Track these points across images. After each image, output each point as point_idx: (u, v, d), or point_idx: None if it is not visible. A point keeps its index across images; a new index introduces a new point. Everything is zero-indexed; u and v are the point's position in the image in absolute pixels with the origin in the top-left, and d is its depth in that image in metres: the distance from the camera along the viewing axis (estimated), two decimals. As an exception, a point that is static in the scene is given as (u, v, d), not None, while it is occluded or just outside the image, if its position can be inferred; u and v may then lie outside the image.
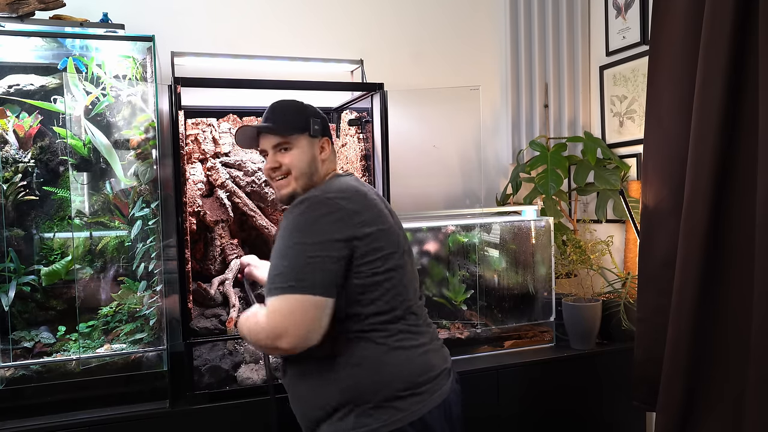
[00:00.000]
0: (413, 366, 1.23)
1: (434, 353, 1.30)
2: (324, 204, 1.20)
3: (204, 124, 2.02)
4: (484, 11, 2.63)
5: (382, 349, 1.21)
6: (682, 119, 1.71)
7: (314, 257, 1.15)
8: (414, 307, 1.30)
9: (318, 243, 1.16)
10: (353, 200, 1.23)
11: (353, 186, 1.30)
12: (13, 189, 1.68)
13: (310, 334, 1.14)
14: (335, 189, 1.25)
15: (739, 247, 1.58)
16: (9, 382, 1.62)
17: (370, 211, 1.24)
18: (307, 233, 1.17)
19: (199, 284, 1.88)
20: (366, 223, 1.21)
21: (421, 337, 1.28)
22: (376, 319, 1.22)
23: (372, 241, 1.21)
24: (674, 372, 1.67)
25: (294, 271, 1.14)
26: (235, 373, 1.75)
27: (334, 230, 1.17)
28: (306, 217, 1.19)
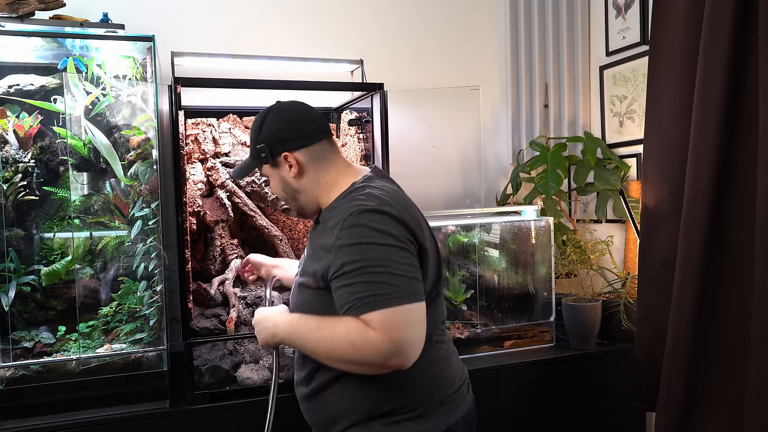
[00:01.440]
0: (445, 377, 1.20)
1: (455, 359, 1.27)
2: (384, 208, 1.09)
3: (204, 124, 2.02)
4: (484, 11, 2.63)
5: (422, 361, 1.10)
6: (682, 119, 1.71)
7: (403, 259, 1.06)
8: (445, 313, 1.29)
9: (399, 252, 1.06)
10: (401, 207, 1.13)
11: (390, 190, 1.19)
12: (13, 189, 1.68)
13: (422, 346, 1.06)
14: (384, 198, 1.13)
15: (739, 247, 1.58)
16: (9, 382, 1.62)
17: (416, 219, 1.16)
18: (386, 242, 1.06)
19: (199, 284, 1.88)
20: (419, 232, 1.14)
21: (445, 345, 1.25)
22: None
23: (424, 249, 1.14)
24: (674, 372, 1.67)
25: (392, 281, 1.03)
26: (235, 373, 1.75)
27: (404, 240, 1.08)
28: (365, 220, 1.08)
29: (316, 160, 1.23)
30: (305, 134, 1.22)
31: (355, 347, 1.03)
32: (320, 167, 1.23)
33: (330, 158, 1.24)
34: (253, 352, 1.80)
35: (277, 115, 1.24)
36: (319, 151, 1.23)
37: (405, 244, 1.07)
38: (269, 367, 1.79)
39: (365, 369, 1.08)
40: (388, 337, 1.00)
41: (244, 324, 1.85)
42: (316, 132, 1.23)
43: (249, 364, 1.78)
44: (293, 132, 1.22)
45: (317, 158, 1.23)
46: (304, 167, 1.22)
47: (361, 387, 1.14)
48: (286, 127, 1.22)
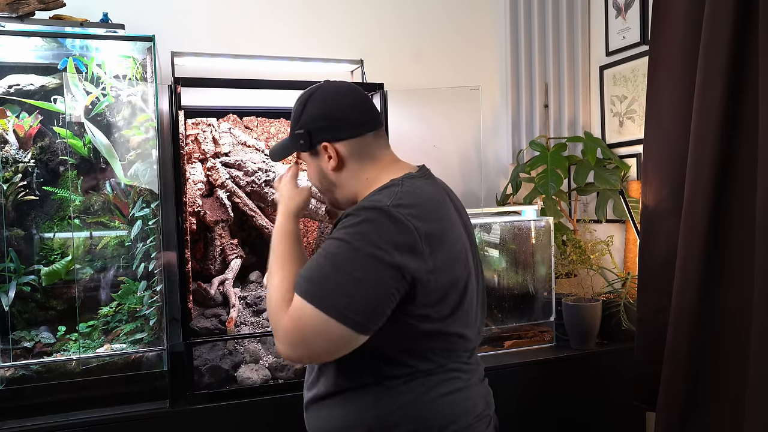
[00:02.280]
0: (450, 411, 1.05)
1: (474, 393, 1.10)
2: (390, 217, 0.95)
3: (204, 124, 2.02)
4: (484, 11, 2.63)
5: (424, 388, 1.03)
6: (682, 119, 1.71)
7: (361, 277, 0.93)
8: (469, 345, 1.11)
9: (372, 262, 0.93)
10: (425, 217, 0.98)
11: (422, 192, 1.04)
12: (13, 189, 1.68)
13: (317, 359, 0.99)
14: (409, 197, 1.00)
15: (739, 247, 1.58)
16: (9, 382, 1.62)
17: (444, 233, 1.01)
18: (361, 247, 0.94)
19: (199, 284, 1.88)
20: (431, 244, 0.97)
21: (464, 375, 1.09)
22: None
23: (440, 275, 0.99)
24: (674, 372, 1.67)
25: (333, 286, 0.93)
26: (235, 373, 1.75)
27: (395, 255, 0.93)
28: (364, 224, 0.96)
29: (359, 155, 1.10)
30: (350, 125, 1.10)
31: (272, 311, 1.00)
32: (363, 162, 1.11)
33: (374, 154, 1.12)
34: (253, 352, 1.80)
35: (323, 99, 1.12)
36: (364, 145, 1.11)
37: (390, 260, 0.93)
38: (269, 367, 1.79)
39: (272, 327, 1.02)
40: (288, 326, 0.95)
41: (244, 324, 1.85)
42: (363, 123, 1.11)
43: (249, 364, 1.78)
44: (337, 121, 1.10)
45: (361, 152, 1.11)
46: (345, 160, 1.10)
47: (358, 405, 1.05)
48: (330, 114, 1.10)
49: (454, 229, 1.06)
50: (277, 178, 1.26)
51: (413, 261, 0.95)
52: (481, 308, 1.16)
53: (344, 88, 1.15)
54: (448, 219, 1.05)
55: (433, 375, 1.04)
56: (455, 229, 1.06)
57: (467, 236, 1.12)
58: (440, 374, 1.05)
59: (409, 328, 0.99)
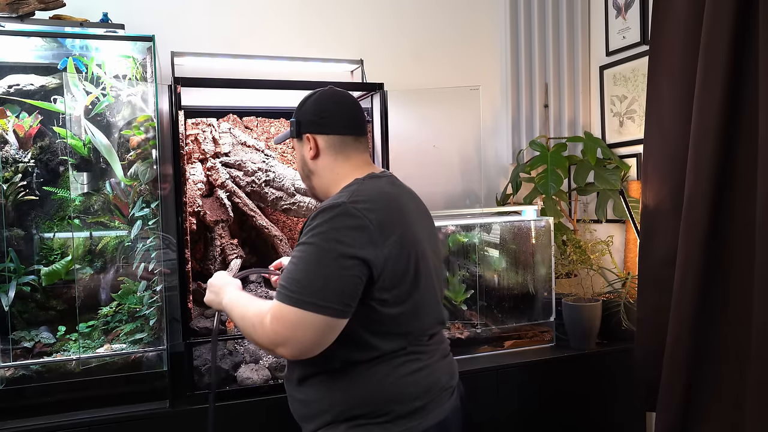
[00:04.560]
0: (416, 388, 1.19)
1: (437, 369, 1.25)
2: (347, 212, 1.10)
3: (204, 124, 2.02)
4: (484, 11, 2.63)
5: (388, 368, 1.17)
6: (682, 119, 1.71)
7: (328, 272, 1.07)
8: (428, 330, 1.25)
9: (335, 257, 1.07)
10: (380, 210, 1.14)
11: (380, 191, 1.20)
12: (13, 189, 1.68)
13: (312, 349, 1.09)
14: (364, 194, 1.16)
15: (739, 247, 1.58)
16: (9, 382, 1.62)
17: (393, 227, 1.14)
18: (325, 243, 1.08)
19: (199, 284, 1.88)
20: (384, 237, 1.11)
21: (424, 356, 1.23)
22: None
23: (394, 262, 1.13)
24: (674, 372, 1.67)
25: (306, 283, 1.07)
26: (235, 373, 1.75)
27: (349, 245, 1.08)
28: (325, 223, 1.10)
29: (334, 150, 1.29)
30: (330, 124, 1.29)
31: (254, 327, 1.13)
32: (336, 157, 1.29)
33: (349, 153, 1.30)
34: (253, 352, 1.80)
35: (317, 99, 1.31)
36: (340, 143, 1.29)
37: (347, 252, 1.07)
38: (269, 367, 1.79)
39: (264, 349, 1.17)
40: (272, 328, 1.08)
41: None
42: (342, 126, 1.29)
43: (249, 364, 1.78)
44: (321, 118, 1.29)
45: (335, 148, 1.29)
46: (321, 152, 1.29)
47: (330, 388, 1.18)
48: (317, 111, 1.30)
49: (409, 221, 1.20)
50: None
51: (371, 249, 1.10)
52: (439, 297, 1.31)
53: (340, 95, 1.33)
54: (400, 210, 1.20)
55: (395, 357, 1.18)
56: (409, 222, 1.20)
57: (427, 231, 1.29)
58: (402, 356, 1.19)
59: (371, 312, 1.13)
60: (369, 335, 1.15)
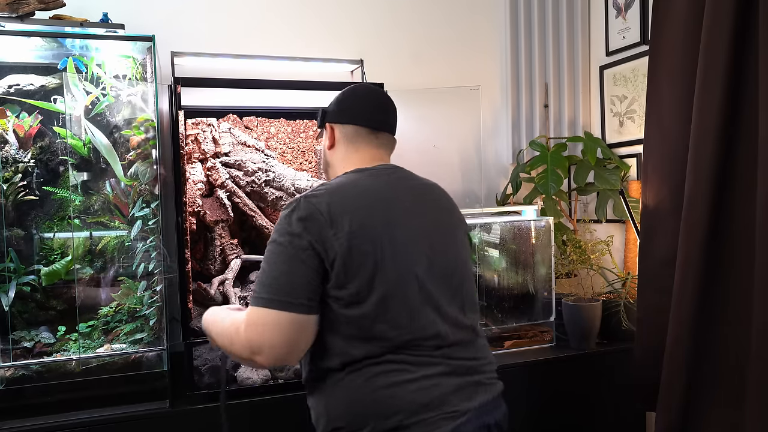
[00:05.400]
0: (396, 403, 1.06)
1: (437, 385, 1.09)
2: (300, 206, 1.08)
3: (204, 124, 2.02)
4: (484, 11, 2.63)
5: (361, 379, 1.08)
6: (682, 119, 1.71)
7: (287, 268, 1.04)
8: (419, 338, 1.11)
9: (288, 255, 1.05)
10: (336, 203, 1.08)
11: (352, 183, 1.15)
12: (13, 189, 1.68)
13: (287, 353, 1.05)
14: (326, 187, 1.13)
15: (739, 247, 1.58)
16: (9, 382, 1.62)
17: (351, 219, 1.07)
18: (281, 242, 1.07)
19: (199, 284, 1.88)
20: (343, 234, 1.06)
21: (410, 368, 1.09)
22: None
23: (347, 256, 1.06)
24: (674, 372, 1.67)
25: (269, 281, 1.05)
26: (235, 373, 1.75)
27: (300, 243, 1.05)
28: (282, 219, 1.09)
29: (348, 140, 1.26)
30: (348, 113, 1.27)
31: (230, 341, 1.10)
32: (348, 148, 1.26)
33: (360, 145, 1.26)
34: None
35: (344, 91, 1.31)
36: (354, 133, 1.26)
37: (298, 246, 1.05)
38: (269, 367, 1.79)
39: (244, 362, 1.12)
40: (246, 336, 1.05)
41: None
42: (363, 117, 1.26)
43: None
44: (340, 106, 1.28)
45: (349, 139, 1.26)
46: (337, 141, 1.27)
47: (319, 396, 1.15)
48: (339, 101, 1.29)
49: (384, 216, 1.12)
50: None
51: (323, 241, 1.05)
52: (443, 304, 1.15)
53: (365, 88, 1.33)
54: (372, 207, 1.12)
55: (370, 366, 1.08)
56: (387, 217, 1.12)
57: (431, 229, 1.18)
58: (380, 365, 1.08)
59: (329, 312, 1.08)
60: (333, 338, 1.09)
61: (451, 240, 1.23)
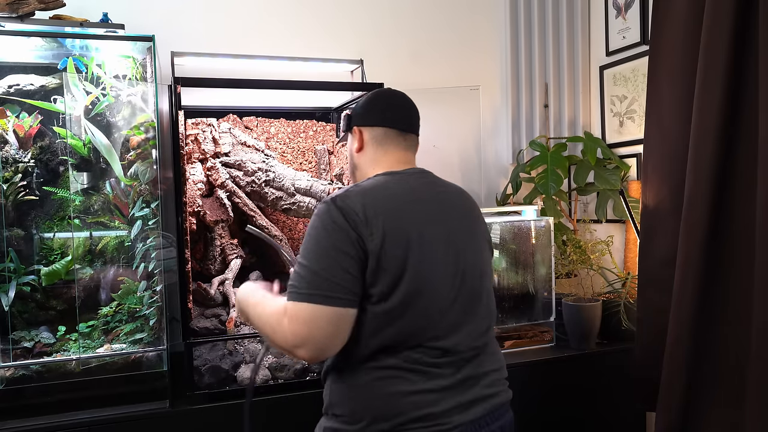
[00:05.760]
0: (394, 406, 1.09)
1: (434, 398, 1.11)
2: (336, 204, 1.10)
3: (204, 124, 2.02)
4: (484, 11, 2.63)
5: (367, 376, 1.12)
6: (682, 119, 1.71)
7: (327, 266, 1.07)
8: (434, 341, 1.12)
9: (328, 251, 1.07)
10: (370, 204, 1.10)
11: (382, 185, 1.16)
12: (13, 189, 1.68)
13: (329, 346, 1.07)
14: (358, 188, 1.15)
15: (739, 247, 1.58)
16: (9, 382, 1.62)
17: (384, 220, 1.09)
18: (320, 238, 1.09)
19: (199, 284, 1.88)
20: (373, 232, 1.08)
21: (410, 375, 1.10)
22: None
23: (376, 253, 1.07)
24: (674, 372, 1.67)
25: (311, 277, 1.07)
26: (235, 373, 1.75)
27: (340, 239, 1.07)
28: (320, 217, 1.11)
29: (377, 143, 1.27)
30: (377, 115, 1.28)
31: (272, 329, 1.11)
32: (377, 150, 1.27)
33: (389, 147, 1.27)
34: (253, 352, 1.80)
35: (370, 94, 1.32)
36: (384, 136, 1.27)
37: (339, 242, 1.07)
38: (269, 367, 1.79)
39: (284, 352, 1.16)
40: (291, 329, 1.06)
41: (244, 324, 1.85)
42: (390, 119, 1.28)
43: (249, 364, 1.78)
44: (368, 109, 1.29)
45: (378, 141, 1.27)
46: (366, 144, 1.28)
47: (332, 386, 1.18)
48: (366, 104, 1.30)
49: (413, 222, 1.13)
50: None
51: (362, 239, 1.07)
52: (459, 310, 1.16)
53: (391, 91, 1.34)
54: (401, 210, 1.13)
55: (380, 368, 1.10)
56: (413, 221, 1.13)
57: (460, 236, 1.20)
58: (389, 370, 1.10)
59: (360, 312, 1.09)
60: (355, 332, 1.11)
61: (476, 247, 1.24)
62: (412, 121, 1.32)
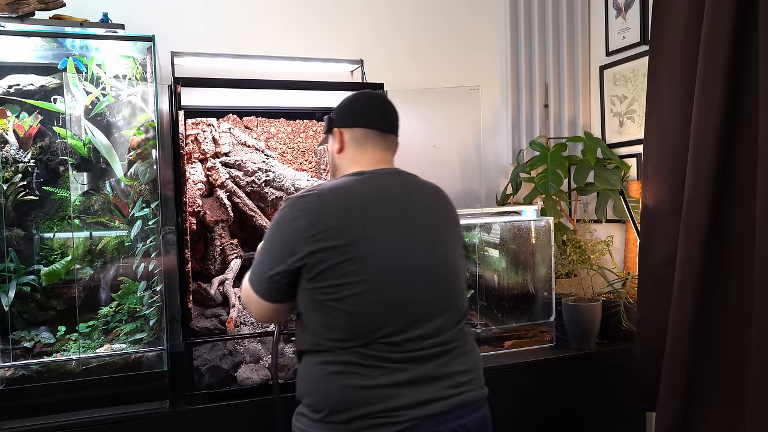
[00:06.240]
0: (347, 396, 1.12)
1: (396, 396, 1.12)
2: (288, 206, 1.19)
3: (204, 124, 2.02)
4: (484, 11, 2.63)
5: (320, 367, 1.16)
6: (682, 119, 1.71)
7: (263, 263, 1.21)
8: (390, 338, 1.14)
9: (276, 245, 1.19)
10: (324, 203, 1.16)
11: (343, 185, 1.21)
12: (13, 189, 1.68)
13: (267, 322, 1.31)
14: (317, 188, 1.21)
15: (739, 247, 1.58)
16: (9, 382, 1.62)
17: (335, 219, 1.14)
18: (273, 232, 1.21)
19: (199, 284, 1.88)
20: (322, 236, 1.13)
21: (351, 369, 1.13)
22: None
23: (326, 258, 1.13)
24: (674, 371, 1.67)
25: (257, 269, 1.23)
26: (235, 373, 1.75)
27: (288, 236, 1.16)
28: (276, 216, 1.23)
29: (356, 143, 1.31)
30: (357, 116, 1.32)
31: (244, 290, 1.30)
32: (356, 150, 1.31)
33: (368, 147, 1.31)
34: (253, 352, 1.80)
35: (349, 97, 1.37)
36: (362, 136, 1.31)
37: (287, 238, 1.17)
38: (269, 367, 1.79)
39: None
40: (243, 302, 1.32)
41: (244, 324, 1.85)
42: (369, 119, 1.32)
43: (249, 364, 1.78)
44: (348, 111, 1.34)
45: (358, 141, 1.31)
46: (346, 145, 1.32)
47: (299, 373, 1.24)
48: (344, 106, 1.35)
49: (365, 219, 1.17)
50: None
51: (304, 240, 1.14)
52: (433, 309, 1.19)
53: (370, 93, 1.41)
54: (352, 208, 1.17)
55: (336, 362, 1.14)
56: (366, 220, 1.17)
57: (426, 233, 1.23)
58: (343, 365, 1.14)
59: (310, 301, 1.17)
60: (310, 323, 1.18)
61: (445, 244, 1.26)
62: (391, 122, 1.35)
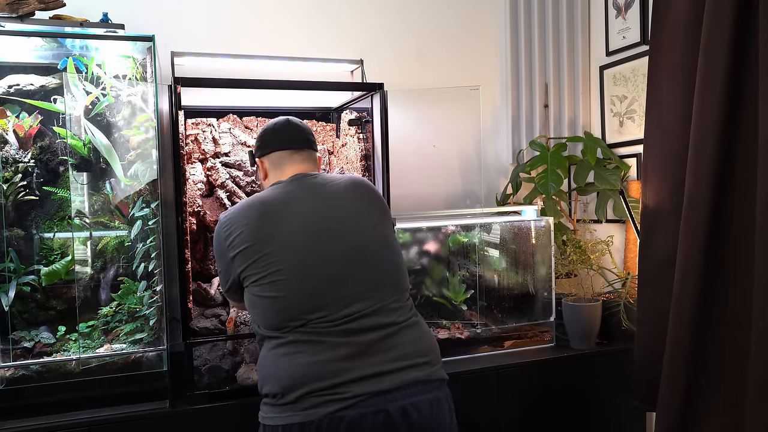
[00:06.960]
0: (292, 375, 1.23)
1: (325, 362, 1.23)
2: (218, 222, 1.41)
3: (204, 124, 2.02)
4: (485, 11, 2.63)
5: (272, 351, 1.30)
6: (682, 119, 1.71)
7: (221, 278, 1.43)
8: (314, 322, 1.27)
9: (219, 265, 1.42)
10: (240, 214, 1.36)
11: (257, 196, 1.41)
12: (13, 189, 1.68)
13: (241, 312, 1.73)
14: (236, 206, 1.41)
15: (739, 247, 1.58)
16: (9, 382, 1.62)
17: (247, 226, 1.33)
18: (215, 245, 1.43)
19: (199, 284, 1.88)
20: (235, 243, 1.34)
21: (293, 346, 1.27)
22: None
23: (242, 261, 1.33)
24: (674, 372, 1.67)
25: (220, 280, 1.46)
26: (235, 373, 1.75)
27: (219, 246, 1.39)
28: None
29: (275, 166, 1.48)
30: (268, 144, 1.49)
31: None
32: (275, 172, 1.48)
33: (285, 166, 1.47)
34: (253, 352, 1.80)
35: (260, 130, 1.54)
36: (278, 158, 1.48)
37: (220, 249, 1.39)
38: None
39: None
40: None
41: (243, 324, 1.85)
42: (277, 143, 1.48)
43: (249, 364, 1.78)
44: (261, 141, 1.52)
45: (275, 164, 1.48)
46: (268, 170, 1.50)
47: (258, 364, 1.35)
48: (258, 139, 1.53)
49: (275, 221, 1.34)
50: None
51: (230, 246, 1.35)
52: (365, 288, 1.31)
53: (277, 121, 1.54)
54: (264, 212, 1.35)
55: (278, 345, 1.28)
56: (276, 218, 1.34)
57: (343, 219, 1.36)
58: (286, 346, 1.27)
59: (247, 294, 1.35)
60: (253, 314, 1.34)
61: (363, 225, 1.38)
62: (301, 138, 1.50)
